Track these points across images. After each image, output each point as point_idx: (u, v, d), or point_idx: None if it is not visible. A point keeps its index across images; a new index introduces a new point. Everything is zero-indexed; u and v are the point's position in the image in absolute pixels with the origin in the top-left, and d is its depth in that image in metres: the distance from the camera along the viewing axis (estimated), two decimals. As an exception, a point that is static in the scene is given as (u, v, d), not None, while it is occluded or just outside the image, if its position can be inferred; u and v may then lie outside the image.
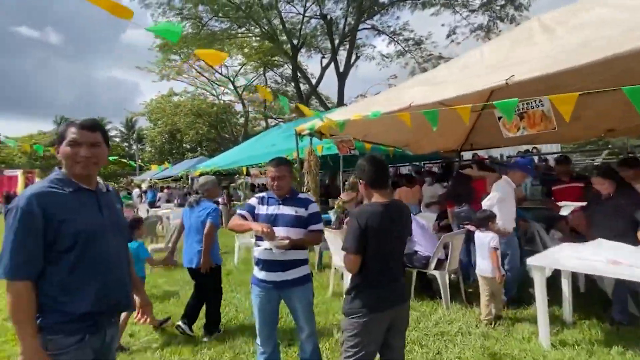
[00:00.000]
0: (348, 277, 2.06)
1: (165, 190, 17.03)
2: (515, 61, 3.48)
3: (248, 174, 9.51)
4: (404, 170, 15.88)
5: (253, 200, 2.39)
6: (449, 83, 4.22)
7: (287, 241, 2.13)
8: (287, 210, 2.27)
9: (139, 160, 38.42)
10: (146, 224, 8.11)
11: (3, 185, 27.56)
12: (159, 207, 14.16)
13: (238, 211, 2.37)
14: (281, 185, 2.27)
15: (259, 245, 2.29)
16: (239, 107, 25.65)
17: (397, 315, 1.90)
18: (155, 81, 23.42)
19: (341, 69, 15.20)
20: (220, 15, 15.04)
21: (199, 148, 30.90)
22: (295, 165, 5.48)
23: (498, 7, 12.85)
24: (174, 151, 30.84)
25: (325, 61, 17.17)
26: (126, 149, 44.82)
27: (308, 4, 15.08)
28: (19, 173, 28.76)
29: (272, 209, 2.29)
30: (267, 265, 2.26)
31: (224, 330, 3.58)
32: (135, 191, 19.48)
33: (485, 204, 3.81)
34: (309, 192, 5.27)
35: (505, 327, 3.38)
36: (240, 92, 23.55)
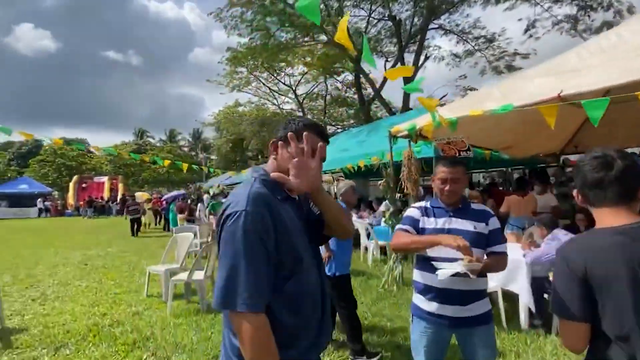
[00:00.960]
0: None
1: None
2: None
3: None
4: (475, 177, 14.72)
5: (414, 212, 1.96)
6: (586, 69, 3.59)
7: (480, 264, 1.66)
8: (463, 225, 1.82)
9: (206, 168, 40.96)
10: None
11: (93, 190, 31.06)
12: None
13: (398, 226, 1.97)
14: (455, 190, 1.85)
15: (426, 268, 1.86)
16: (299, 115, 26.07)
17: None
18: (223, 93, 24.77)
19: (409, 71, 14.61)
20: (287, 25, 15.36)
21: (260, 156, 32.03)
22: (389, 170, 5.12)
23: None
24: (237, 158, 32.30)
25: (389, 65, 16.69)
26: (194, 157, 48.13)
27: (374, 7, 14.79)
28: (105, 179, 32.27)
29: (443, 223, 1.86)
30: (442, 295, 1.80)
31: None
32: (205, 197, 20.64)
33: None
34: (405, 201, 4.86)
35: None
36: (300, 101, 23.96)
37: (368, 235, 6.91)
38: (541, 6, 12.94)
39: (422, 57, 14.80)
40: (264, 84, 24.47)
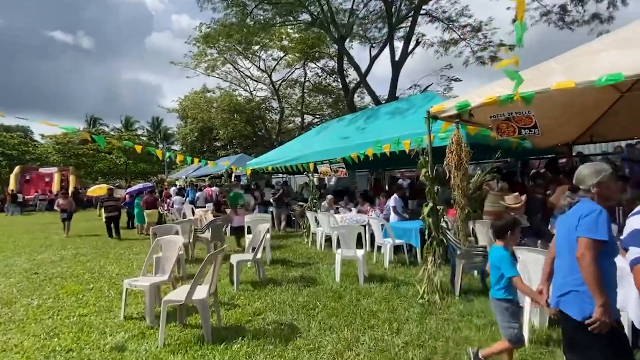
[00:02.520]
0: None
1: (207, 189, 16.22)
2: None
3: (315, 171, 8.39)
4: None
5: None
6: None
7: None
8: None
9: (183, 156, 38.22)
10: (211, 227, 7.17)
11: (39, 182, 27.70)
12: (202, 207, 13.33)
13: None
14: None
15: None
16: (274, 104, 24.73)
17: None
18: (190, 77, 22.86)
19: (396, 57, 13.95)
20: (265, 1, 14.05)
21: (229, 146, 30.25)
22: (427, 158, 4.32)
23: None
24: (204, 149, 30.25)
25: (374, 51, 15.94)
26: (154, 147, 44.80)
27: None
28: (54, 171, 28.89)
29: None
30: None
31: None
32: (173, 189, 18.87)
33: None
34: (453, 194, 4.09)
35: None
36: (276, 87, 22.64)
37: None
38: (531, -7, 12.68)
39: (412, 43, 14.19)
40: (236, 69, 22.83)
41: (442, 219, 4.30)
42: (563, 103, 5.16)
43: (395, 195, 6.80)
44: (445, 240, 4.30)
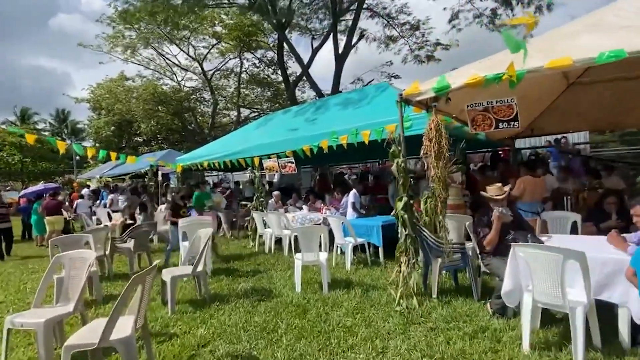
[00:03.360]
0: None
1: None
2: None
3: (261, 167, 7.54)
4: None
5: None
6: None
7: None
8: None
9: (92, 150, 33.31)
10: (134, 235, 5.90)
11: None
12: (119, 211, 11.46)
13: None
14: None
15: None
16: (206, 95, 22.81)
17: None
18: (104, 62, 19.89)
19: (340, 49, 13.59)
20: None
21: (153, 142, 27.25)
22: (399, 148, 3.84)
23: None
24: (123, 144, 26.82)
25: (316, 43, 15.42)
26: (60, 143, 38.75)
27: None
28: None
29: None
30: None
31: None
32: (85, 191, 16.11)
33: None
34: (432, 187, 3.66)
35: None
36: (208, 77, 20.84)
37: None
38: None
39: (356, 37, 13.96)
40: (160, 54, 20.47)
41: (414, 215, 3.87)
42: (515, 94, 5.17)
43: (354, 190, 6.30)
44: (419, 238, 3.88)
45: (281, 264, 5.79)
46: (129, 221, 7.71)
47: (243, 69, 20.28)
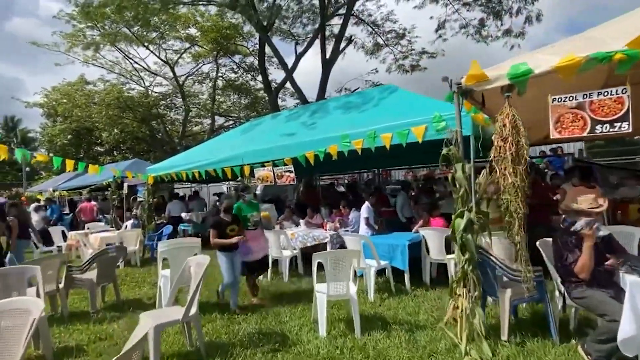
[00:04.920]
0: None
1: (85, 204, 12.38)
2: None
3: (252, 175, 6.53)
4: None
5: None
6: None
7: None
8: None
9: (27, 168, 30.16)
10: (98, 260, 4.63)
11: None
12: (83, 228, 9.88)
13: None
14: None
15: None
16: (176, 101, 21.29)
17: None
18: (60, 64, 17.85)
19: (327, 54, 12.89)
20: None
21: (115, 151, 25.06)
22: (456, 149, 3.05)
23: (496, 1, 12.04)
24: (81, 155, 24.42)
25: (300, 48, 14.66)
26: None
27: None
28: None
29: None
30: None
31: None
32: (34, 206, 14.05)
33: None
34: (499, 197, 2.88)
35: None
36: (181, 83, 19.39)
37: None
38: (452, 5, 13.08)
39: (343, 43, 13.32)
40: (127, 57, 18.84)
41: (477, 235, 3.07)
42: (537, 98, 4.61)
43: (367, 203, 5.42)
44: (485, 265, 3.07)
45: (286, 295, 4.76)
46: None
47: (219, 74, 19.09)
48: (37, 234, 7.90)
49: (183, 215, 9.65)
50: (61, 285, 4.27)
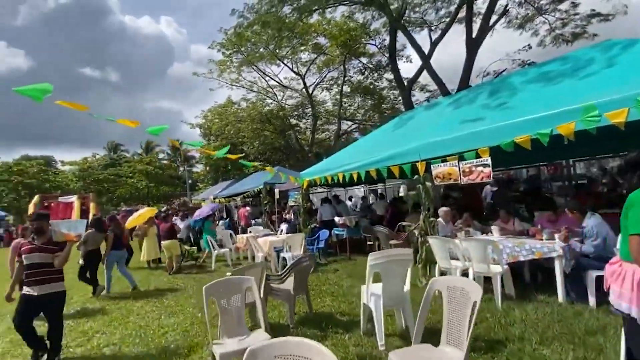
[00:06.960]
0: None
1: (242, 209, 13.61)
2: None
3: (428, 172, 5.60)
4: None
5: None
6: None
7: None
8: None
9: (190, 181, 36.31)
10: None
11: (58, 211, 25.92)
12: (247, 231, 10.70)
13: None
14: None
15: None
16: (307, 110, 22.29)
17: None
18: (213, 89, 20.80)
19: (473, 34, 11.17)
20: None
21: (257, 161, 27.90)
22: None
23: None
24: (229, 167, 27.96)
25: (434, 35, 13.25)
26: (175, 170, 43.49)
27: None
28: (74, 198, 27.10)
29: None
30: None
31: None
32: (180, 215, 16.08)
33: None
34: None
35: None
36: (310, 92, 20.20)
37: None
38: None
39: (494, 17, 11.37)
40: (264, 74, 20.58)
41: None
42: None
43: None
44: None
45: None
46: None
47: (346, 78, 19.10)
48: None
49: (336, 219, 9.42)
50: (261, 296, 4.13)
